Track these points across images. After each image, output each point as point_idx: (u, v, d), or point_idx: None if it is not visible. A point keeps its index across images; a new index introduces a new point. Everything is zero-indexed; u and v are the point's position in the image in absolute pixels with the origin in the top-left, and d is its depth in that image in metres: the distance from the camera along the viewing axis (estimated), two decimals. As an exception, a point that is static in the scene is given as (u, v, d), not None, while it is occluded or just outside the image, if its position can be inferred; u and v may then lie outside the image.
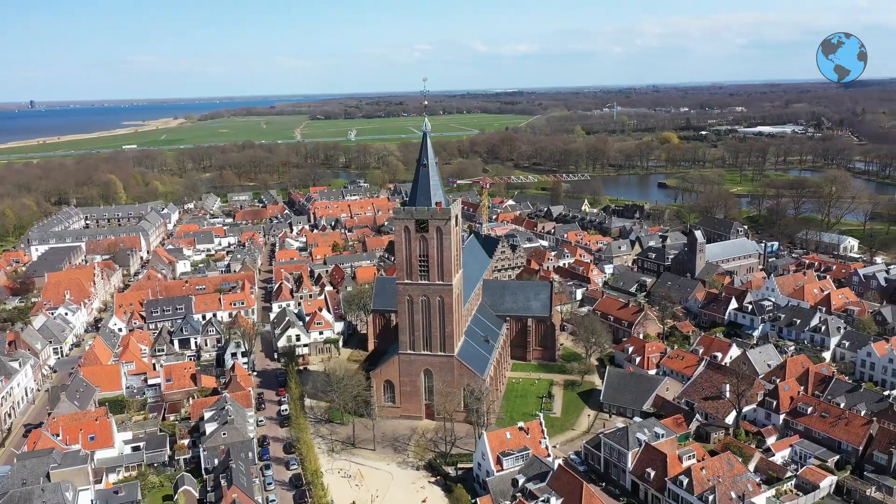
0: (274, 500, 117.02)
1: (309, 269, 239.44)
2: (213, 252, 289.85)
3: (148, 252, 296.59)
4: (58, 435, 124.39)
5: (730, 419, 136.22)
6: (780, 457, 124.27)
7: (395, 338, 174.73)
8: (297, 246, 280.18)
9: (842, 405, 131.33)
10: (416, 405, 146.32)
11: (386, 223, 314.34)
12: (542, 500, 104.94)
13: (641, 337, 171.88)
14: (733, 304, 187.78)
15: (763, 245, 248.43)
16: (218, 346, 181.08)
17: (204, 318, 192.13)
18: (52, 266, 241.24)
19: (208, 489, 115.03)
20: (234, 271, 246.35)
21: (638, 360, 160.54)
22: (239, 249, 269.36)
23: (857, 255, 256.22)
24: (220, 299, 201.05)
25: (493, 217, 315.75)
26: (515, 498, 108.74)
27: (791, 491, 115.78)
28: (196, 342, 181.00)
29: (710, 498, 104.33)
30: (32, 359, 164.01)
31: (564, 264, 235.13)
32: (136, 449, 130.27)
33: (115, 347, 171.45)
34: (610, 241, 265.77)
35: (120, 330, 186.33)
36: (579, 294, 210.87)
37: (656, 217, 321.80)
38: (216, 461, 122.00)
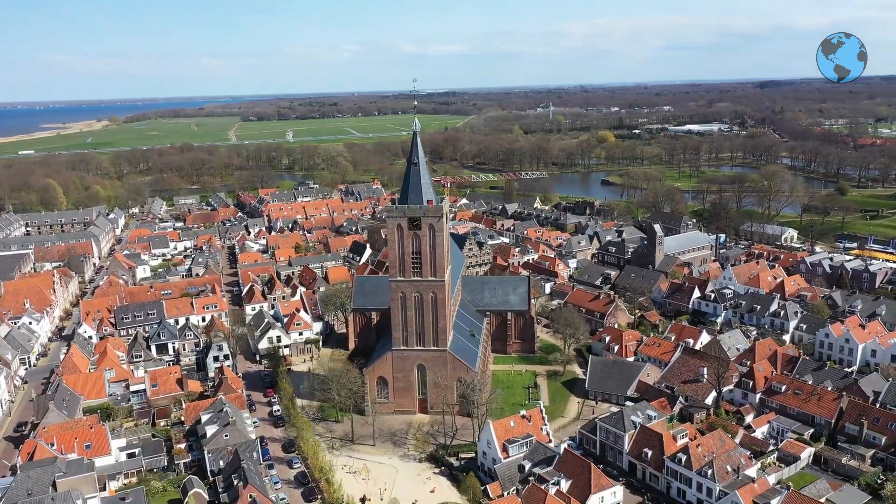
0: (284, 499, 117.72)
1: (275, 270, 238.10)
2: (169, 257, 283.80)
3: (100, 258, 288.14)
4: (52, 444, 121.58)
5: (708, 400, 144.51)
6: (760, 433, 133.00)
7: (376, 336, 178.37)
8: (258, 248, 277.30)
9: (809, 382, 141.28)
10: (410, 400, 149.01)
11: (345, 223, 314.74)
12: (553, 483, 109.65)
13: (616, 327, 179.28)
14: (696, 294, 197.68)
15: (715, 237, 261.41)
16: (196, 349, 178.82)
17: (177, 322, 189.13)
18: (2, 275, 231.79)
19: (219, 489, 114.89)
20: (197, 275, 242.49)
21: (616, 348, 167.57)
22: (199, 253, 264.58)
23: (798, 245, 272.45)
24: (192, 303, 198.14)
25: (451, 216, 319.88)
26: (528, 482, 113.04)
27: (774, 463, 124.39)
28: (174, 347, 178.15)
29: (709, 472, 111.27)
30: (4, 370, 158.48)
31: (530, 260, 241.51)
32: (131, 455, 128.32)
33: (90, 355, 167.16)
34: (569, 236, 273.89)
35: (90, 337, 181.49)
36: (547, 288, 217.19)
37: (607, 213, 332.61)
38: (221, 463, 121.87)
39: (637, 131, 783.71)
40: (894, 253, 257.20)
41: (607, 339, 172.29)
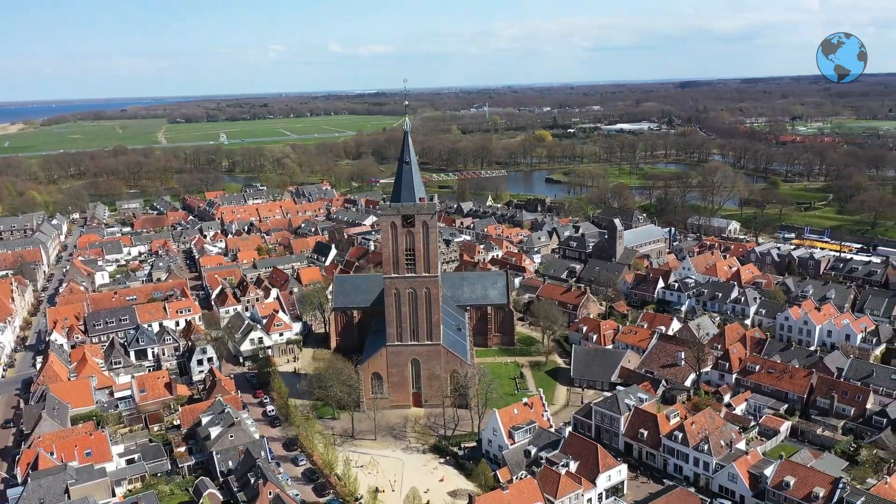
0: (297, 494, 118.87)
1: (241, 273, 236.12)
2: (123, 262, 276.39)
3: (48, 265, 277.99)
4: (52, 453, 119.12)
5: (687, 382, 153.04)
6: (739, 410, 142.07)
7: (358, 335, 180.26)
8: (217, 251, 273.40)
9: (779, 362, 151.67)
10: (405, 394, 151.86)
11: (303, 225, 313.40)
12: (563, 465, 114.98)
13: (591, 317, 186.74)
14: (661, 284, 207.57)
15: (669, 230, 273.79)
16: (176, 354, 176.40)
17: (149, 327, 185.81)
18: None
19: (234, 489, 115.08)
20: (159, 280, 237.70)
21: (595, 337, 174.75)
22: (158, 258, 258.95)
23: (742, 237, 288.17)
24: (164, 308, 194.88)
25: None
26: (534, 466, 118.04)
27: (756, 438, 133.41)
28: (153, 352, 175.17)
29: (705, 447, 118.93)
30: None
31: (496, 256, 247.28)
32: (130, 462, 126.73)
33: (67, 363, 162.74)
34: (528, 233, 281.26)
35: (61, 346, 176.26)
36: (516, 283, 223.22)
37: (558, 210, 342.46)
38: (230, 463, 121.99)
39: (571, 130, 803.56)
40: (829, 241, 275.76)
41: (584, 329, 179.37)
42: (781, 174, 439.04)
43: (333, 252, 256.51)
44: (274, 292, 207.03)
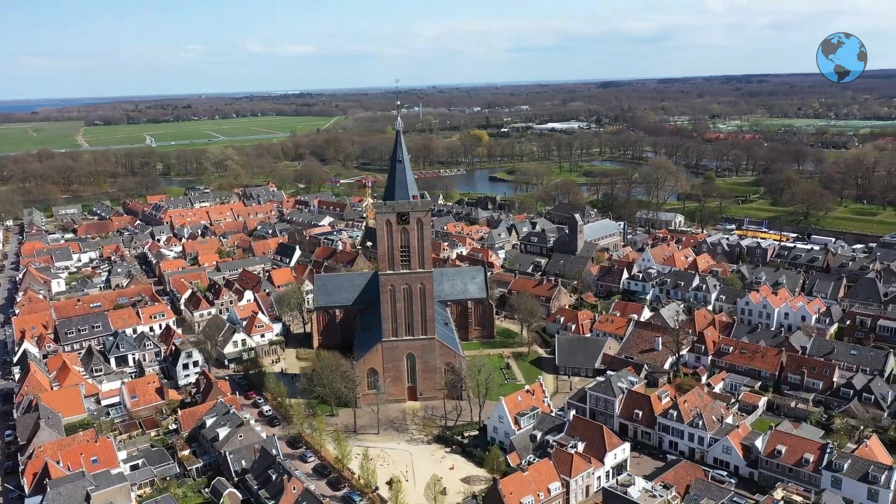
0: (315, 489, 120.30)
1: (207, 276, 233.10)
2: (74, 269, 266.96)
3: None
4: (58, 462, 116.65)
5: (666, 365, 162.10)
6: (718, 389, 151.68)
7: (340, 333, 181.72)
8: (174, 256, 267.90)
9: (747, 343, 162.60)
10: (400, 388, 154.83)
11: (259, 227, 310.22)
12: (571, 446, 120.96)
13: (567, 307, 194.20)
14: (625, 275, 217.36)
15: (623, 224, 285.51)
16: (158, 359, 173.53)
17: (124, 333, 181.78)
18: None
19: (254, 486, 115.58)
20: (118, 286, 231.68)
21: (573, 327, 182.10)
22: (117, 264, 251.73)
23: (687, 229, 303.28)
24: (138, 313, 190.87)
25: (364, 214, 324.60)
26: (541, 449, 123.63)
27: (737, 413, 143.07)
28: (134, 358, 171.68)
29: (700, 423, 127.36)
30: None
31: (461, 252, 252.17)
32: (134, 467, 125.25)
33: (46, 373, 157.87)
34: (488, 230, 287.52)
35: (34, 355, 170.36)
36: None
37: (509, 207, 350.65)
38: (243, 462, 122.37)
39: (505, 130, 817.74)
40: (767, 231, 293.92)
41: (562, 319, 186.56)
42: (712, 170, 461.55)
43: (298, 253, 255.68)
44: (248, 294, 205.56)
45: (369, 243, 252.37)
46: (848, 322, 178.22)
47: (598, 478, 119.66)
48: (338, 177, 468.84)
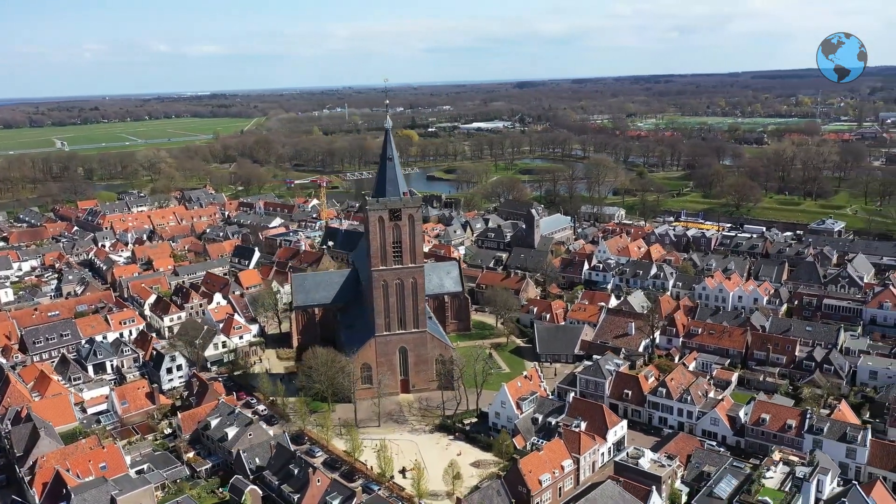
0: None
1: (168, 281, 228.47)
2: (14, 278, 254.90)
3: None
4: (68, 470, 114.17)
5: (640, 349, 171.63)
6: (692, 367, 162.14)
7: (320, 332, 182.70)
8: (123, 261, 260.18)
9: (713, 324, 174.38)
10: (393, 382, 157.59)
11: (208, 230, 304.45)
12: (575, 426, 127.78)
13: (536, 298, 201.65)
14: (587, 266, 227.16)
15: (573, 218, 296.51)
16: (136, 364, 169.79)
17: (101, 339, 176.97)
18: None
19: (275, 482, 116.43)
20: (70, 294, 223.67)
21: (548, 317, 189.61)
22: (69, 271, 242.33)
23: (630, 222, 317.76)
24: (107, 320, 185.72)
25: (314, 215, 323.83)
26: (546, 429, 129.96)
27: (714, 388, 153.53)
28: (112, 364, 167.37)
29: (688, 398, 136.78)
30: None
31: (424, 249, 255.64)
32: (140, 472, 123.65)
33: (22, 383, 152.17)
34: (443, 227, 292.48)
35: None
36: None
37: (455, 205, 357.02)
38: (257, 460, 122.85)
39: (432, 130, 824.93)
40: (703, 222, 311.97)
41: (535, 310, 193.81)
42: (640, 166, 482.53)
43: (257, 254, 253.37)
44: (217, 297, 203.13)
45: (330, 243, 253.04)
46: (796, 302, 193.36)
47: (602, 454, 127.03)
48: (291, 178, 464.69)
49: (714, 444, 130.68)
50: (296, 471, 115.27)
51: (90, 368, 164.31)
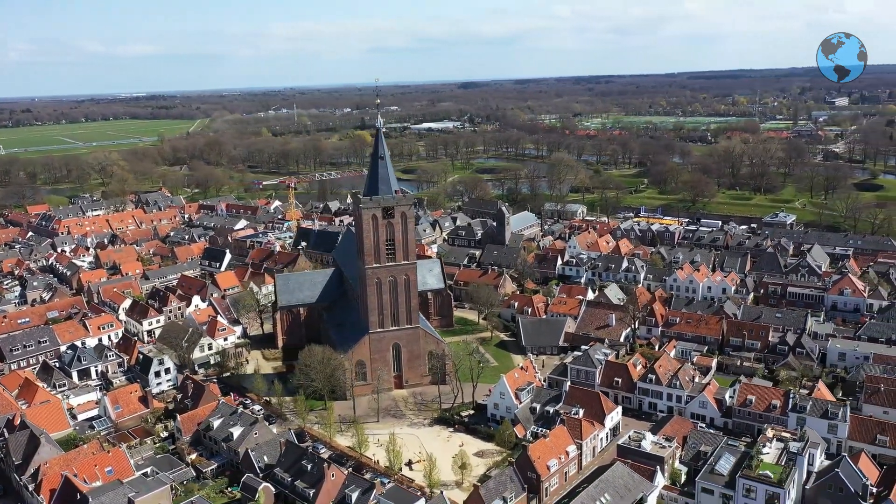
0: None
1: (140, 286, 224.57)
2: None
3: None
4: (75, 475, 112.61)
5: (621, 339, 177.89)
6: (672, 355, 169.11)
7: (305, 332, 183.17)
8: (87, 266, 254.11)
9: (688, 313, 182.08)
10: (387, 378, 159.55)
11: (172, 233, 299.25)
12: (574, 413, 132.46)
13: (515, 293, 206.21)
14: (560, 261, 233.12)
15: (539, 216, 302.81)
16: (121, 369, 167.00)
17: (83, 345, 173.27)
18: None
19: (289, 479, 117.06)
20: (40, 300, 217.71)
21: (529, 311, 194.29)
22: (33, 277, 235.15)
23: (591, 218, 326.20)
24: (85, 325, 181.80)
25: (280, 216, 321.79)
26: (545, 417, 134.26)
27: (698, 374, 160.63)
28: (97, 370, 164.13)
29: (677, 383, 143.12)
30: None
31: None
32: (144, 475, 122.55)
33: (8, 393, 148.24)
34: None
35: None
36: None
37: (420, 204, 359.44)
38: (266, 458, 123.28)
39: (384, 130, 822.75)
40: (663, 217, 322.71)
41: (516, 305, 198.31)
42: (595, 164, 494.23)
43: (229, 256, 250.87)
44: (196, 300, 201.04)
45: (304, 244, 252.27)
46: (762, 291, 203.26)
47: (601, 439, 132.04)
48: (258, 180, 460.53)
49: (703, 426, 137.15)
50: (309, 466, 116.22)
51: (75, 374, 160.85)
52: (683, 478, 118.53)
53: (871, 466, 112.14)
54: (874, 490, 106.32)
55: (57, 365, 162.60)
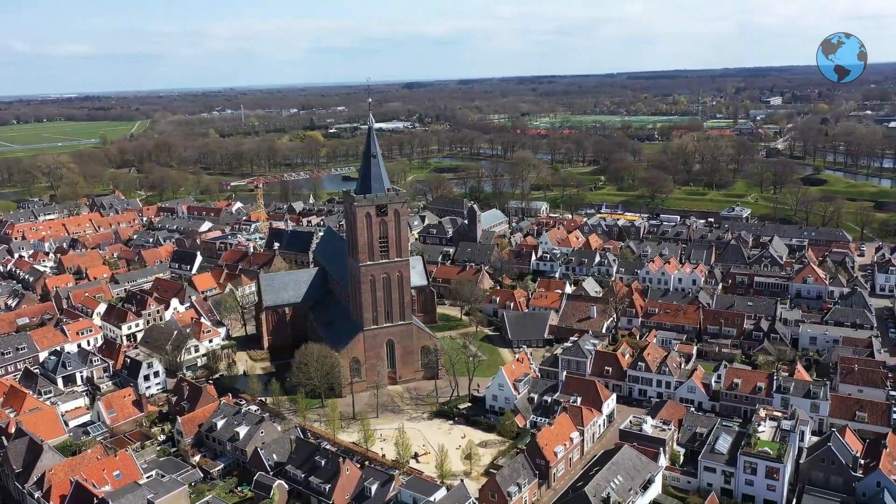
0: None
1: (109, 289, 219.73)
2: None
3: None
4: (85, 480, 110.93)
5: (603, 330, 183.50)
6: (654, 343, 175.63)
7: (291, 332, 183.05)
8: (49, 271, 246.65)
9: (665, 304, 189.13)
10: (382, 374, 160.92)
11: (135, 236, 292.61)
12: (573, 401, 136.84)
13: (495, 289, 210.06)
14: (534, 256, 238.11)
15: (508, 213, 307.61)
16: (107, 374, 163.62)
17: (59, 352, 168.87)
18: None
19: (302, 475, 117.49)
20: (6, 306, 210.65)
21: (511, 305, 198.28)
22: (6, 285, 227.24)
23: (555, 215, 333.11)
24: (64, 331, 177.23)
25: (245, 217, 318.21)
26: (543, 407, 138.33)
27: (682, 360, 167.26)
28: (83, 375, 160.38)
29: (666, 370, 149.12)
30: None
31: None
32: (149, 478, 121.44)
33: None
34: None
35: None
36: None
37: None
38: (275, 456, 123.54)
39: (333, 131, 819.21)
40: (624, 213, 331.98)
41: (497, 300, 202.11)
42: (551, 162, 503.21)
43: (199, 259, 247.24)
44: (174, 302, 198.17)
45: (276, 244, 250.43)
46: (730, 281, 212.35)
47: (599, 425, 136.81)
48: (226, 181, 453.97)
49: (692, 409, 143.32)
50: (323, 462, 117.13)
51: (60, 381, 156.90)
52: (682, 458, 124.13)
53: (855, 441, 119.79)
54: (862, 462, 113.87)
55: (40, 372, 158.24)
